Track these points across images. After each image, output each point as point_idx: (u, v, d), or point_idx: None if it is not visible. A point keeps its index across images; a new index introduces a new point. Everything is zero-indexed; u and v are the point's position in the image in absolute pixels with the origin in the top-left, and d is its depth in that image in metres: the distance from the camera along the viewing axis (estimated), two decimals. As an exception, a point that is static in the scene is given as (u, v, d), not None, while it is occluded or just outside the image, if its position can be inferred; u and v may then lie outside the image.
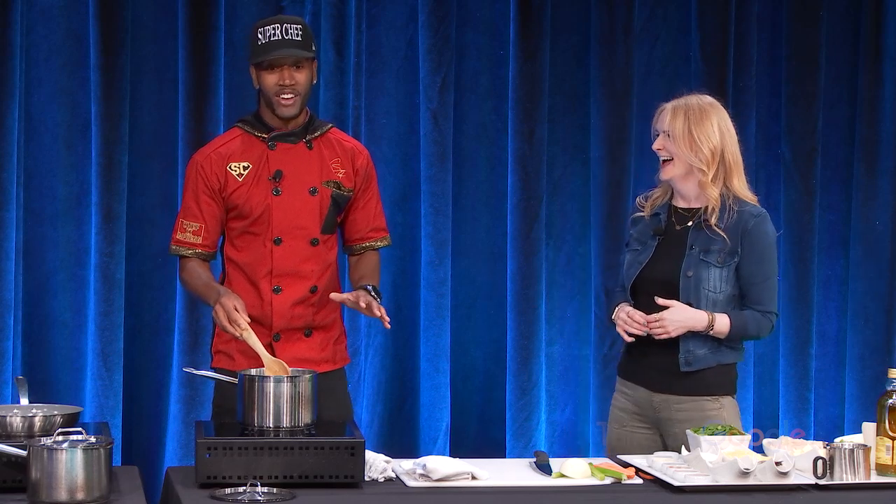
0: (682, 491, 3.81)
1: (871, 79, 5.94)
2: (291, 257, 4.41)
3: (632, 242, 4.47)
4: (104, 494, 3.52)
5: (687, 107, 4.36)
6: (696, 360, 4.34)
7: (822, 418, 5.98)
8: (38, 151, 5.44)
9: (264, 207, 4.40)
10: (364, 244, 4.58)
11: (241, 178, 4.41)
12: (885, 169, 5.95)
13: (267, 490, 3.68)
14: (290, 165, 4.42)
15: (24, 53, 5.38)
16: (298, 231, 4.42)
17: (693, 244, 4.35)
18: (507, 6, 5.72)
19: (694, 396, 4.35)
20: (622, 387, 4.48)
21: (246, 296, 4.38)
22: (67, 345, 5.46)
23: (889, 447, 3.92)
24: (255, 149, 4.43)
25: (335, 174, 4.47)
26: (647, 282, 4.38)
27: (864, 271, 5.98)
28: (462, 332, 5.74)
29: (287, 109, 4.38)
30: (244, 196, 4.40)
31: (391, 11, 5.66)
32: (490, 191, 5.78)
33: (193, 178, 4.43)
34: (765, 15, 5.92)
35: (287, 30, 4.35)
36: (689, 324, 4.30)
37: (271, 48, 4.34)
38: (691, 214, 4.40)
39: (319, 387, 4.23)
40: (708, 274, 4.33)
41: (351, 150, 4.52)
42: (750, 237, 4.34)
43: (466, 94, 5.76)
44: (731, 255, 4.34)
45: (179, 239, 4.44)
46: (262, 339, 4.28)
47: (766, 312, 4.36)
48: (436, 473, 3.85)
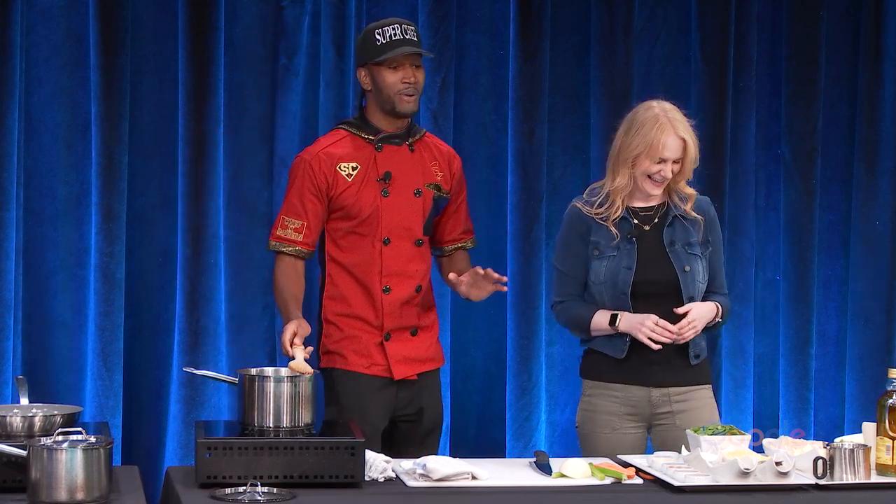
0: (682, 491, 3.81)
1: (871, 79, 5.94)
2: (399, 257, 4.47)
3: (603, 249, 4.46)
4: (104, 494, 3.52)
5: (686, 129, 4.40)
6: (702, 351, 4.49)
7: (822, 418, 5.98)
8: (38, 151, 5.44)
9: (373, 208, 4.44)
10: (456, 245, 4.66)
11: (350, 179, 4.45)
12: (885, 169, 5.95)
13: (267, 490, 3.68)
14: (396, 167, 4.48)
15: (24, 53, 5.38)
16: (405, 232, 4.48)
17: (673, 241, 4.42)
18: (507, 6, 5.72)
19: (693, 386, 4.47)
20: (606, 390, 4.50)
21: (355, 296, 4.47)
22: (67, 345, 5.46)
23: (889, 447, 3.92)
24: (362, 150, 4.48)
25: (435, 177, 4.54)
26: (641, 285, 4.41)
27: (864, 271, 5.98)
28: (462, 332, 5.74)
29: (410, 106, 4.44)
30: (353, 197, 4.44)
31: (391, 11, 5.65)
32: (490, 191, 5.78)
33: (301, 176, 4.46)
34: (765, 15, 5.92)
35: (406, 30, 4.43)
36: (709, 317, 4.44)
37: (396, 45, 4.40)
38: (653, 213, 4.47)
39: (420, 385, 4.45)
40: (697, 266, 4.45)
41: (448, 154, 4.62)
42: (713, 226, 4.51)
43: (466, 94, 5.76)
44: (705, 245, 4.49)
45: (280, 235, 4.48)
46: (373, 338, 4.44)
47: (726, 294, 4.56)
48: (436, 473, 3.85)
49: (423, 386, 4.55)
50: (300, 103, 5.59)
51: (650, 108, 4.42)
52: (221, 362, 5.50)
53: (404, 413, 4.52)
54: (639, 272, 4.42)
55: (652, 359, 4.41)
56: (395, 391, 4.49)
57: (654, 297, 4.40)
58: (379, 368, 4.47)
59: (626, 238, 4.44)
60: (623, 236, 4.44)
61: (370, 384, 4.45)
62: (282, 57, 5.57)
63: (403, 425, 4.52)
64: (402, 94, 4.42)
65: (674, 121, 4.39)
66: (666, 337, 4.36)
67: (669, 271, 4.41)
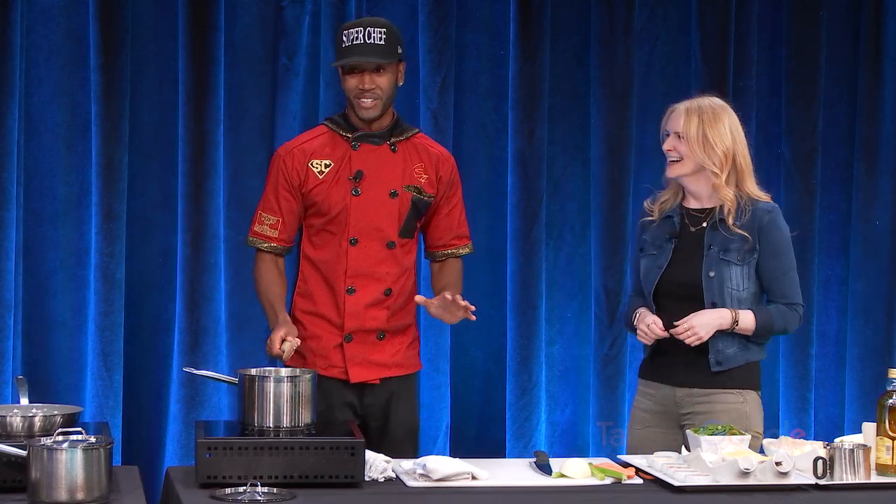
0: (682, 491, 3.81)
1: (871, 79, 5.94)
2: (366, 259, 4.42)
3: (646, 247, 4.46)
4: (104, 494, 3.52)
5: (700, 109, 4.37)
6: (726, 359, 4.38)
7: (822, 418, 5.98)
8: (38, 151, 5.44)
9: (342, 207, 4.40)
10: (447, 251, 4.58)
11: (321, 176, 4.42)
12: (885, 169, 5.95)
13: (267, 490, 3.68)
14: (371, 166, 4.42)
15: (24, 53, 5.38)
16: (375, 233, 4.42)
17: (711, 244, 4.37)
18: (507, 6, 5.72)
19: (717, 390, 4.37)
20: (644, 388, 4.50)
21: (320, 294, 4.43)
22: (67, 345, 5.46)
23: (889, 447, 3.92)
24: (338, 148, 4.45)
25: (417, 179, 4.47)
26: (668, 285, 4.39)
27: (864, 271, 5.98)
28: (462, 332, 5.74)
29: (366, 112, 4.39)
30: (323, 194, 4.41)
31: (391, 11, 5.66)
32: (490, 191, 5.78)
33: (275, 171, 4.45)
34: (765, 15, 5.92)
35: (370, 34, 4.35)
36: (716, 323, 4.32)
37: (350, 52, 4.35)
38: (705, 215, 4.42)
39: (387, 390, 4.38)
40: (730, 273, 4.35)
41: (436, 157, 4.52)
42: (766, 232, 4.37)
43: (466, 94, 5.76)
44: (750, 253, 4.36)
45: (257, 231, 4.47)
46: (333, 339, 4.39)
47: (792, 304, 4.40)
48: (436, 473, 3.85)
49: (392, 391, 4.46)
50: (300, 103, 5.59)
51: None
52: (221, 362, 5.50)
53: (372, 417, 4.46)
54: (668, 273, 4.39)
55: (675, 360, 4.39)
56: (359, 394, 4.44)
57: (677, 299, 4.37)
58: (336, 371, 4.42)
59: (667, 238, 4.43)
60: (664, 236, 4.43)
61: (328, 385, 4.36)
62: (282, 57, 5.57)
63: (372, 430, 4.43)
64: (359, 100, 4.37)
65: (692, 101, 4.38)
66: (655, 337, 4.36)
67: (696, 275, 4.36)
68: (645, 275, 4.44)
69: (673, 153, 4.38)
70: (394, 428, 4.47)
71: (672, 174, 4.41)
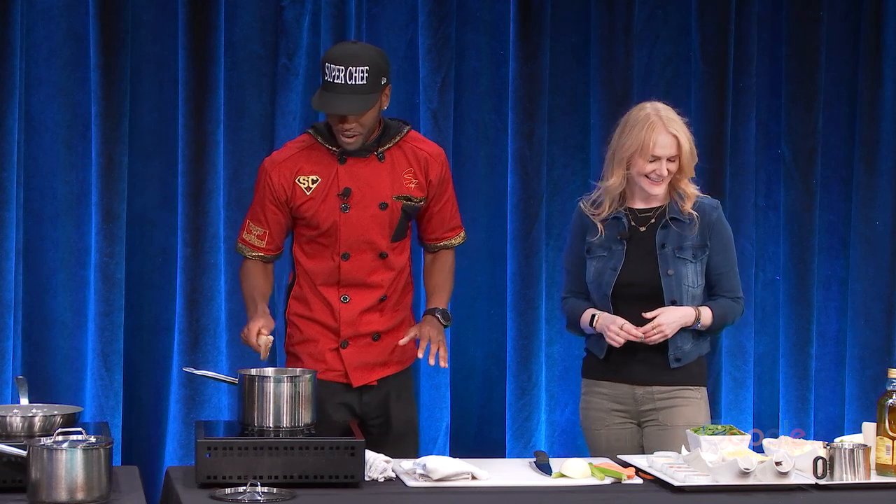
0: (682, 491, 3.81)
1: (871, 79, 5.94)
2: (359, 271, 4.41)
3: (594, 249, 4.50)
4: (104, 494, 3.52)
5: (678, 127, 4.43)
6: (684, 355, 4.48)
7: (822, 418, 5.97)
8: (38, 151, 5.44)
9: (331, 223, 4.38)
10: (439, 244, 4.59)
11: (309, 192, 4.39)
12: (885, 169, 5.95)
13: (267, 490, 3.68)
14: (360, 181, 4.38)
15: (24, 53, 5.38)
16: (366, 245, 4.41)
17: (664, 243, 4.45)
18: (507, 6, 5.72)
19: (678, 387, 4.48)
20: (596, 388, 4.56)
21: (315, 301, 4.44)
22: (67, 345, 5.46)
23: (889, 447, 3.92)
24: (325, 161, 4.39)
25: (406, 186, 4.43)
26: (626, 286, 4.45)
27: (864, 271, 5.97)
28: (462, 332, 5.74)
29: (349, 145, 4.35)
30: (312, 210, 4.39)
31: (391, 11, 5.66)
32: (490, 191, 5.78)
33: (262, 185, 4.43)
34: (765, 15, 5.91)
35: (351, 73, 4.25)
36: (681, 321, 4.43)
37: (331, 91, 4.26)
38: (652, 213, 4.48)
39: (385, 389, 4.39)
40: (686, 270, 4.45)
41: (426, 158, 4.47)
42: (715, 229, 4.50)
43: (466, 94, 5.76)
44: (701, 249, 4.48)
45: (245, 239, 4.47)
46: (329, 343, 4.40)
47: (737, 298, 4.56)
48: (436, 473, 3.85)
49: (389, 389, 4.48)
50: (300, 103, 5.59)
51: (642, 108, 4.48)
52: (221, 362, 5.50)
53: (372, 418, 4.47)
54: (623, 274, 4.45)
55: (634, 358, 4.46)
56: (358, 396, 4.45)
57: (636, 300, 4.44)
58: (335, 374, 4.42)
59: (616, 239, 4.47)
60: (613, 237, 4.46)
61: (326, 389, 4.35)
62: (282, 57, 5.57)
63: (374, 430, 4.44)
64: (341, 135, 4.33)
65: (665, 119, 4.43)
66: (632, 338, 4.39)
67: (654, 274, 4.44)
68: (597, 276, 4.48)
69: (660, 172, 4.42)
70: (395, 424, 4.48)
71: (659, 192, 4.46)
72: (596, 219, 4.50)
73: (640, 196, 4.50)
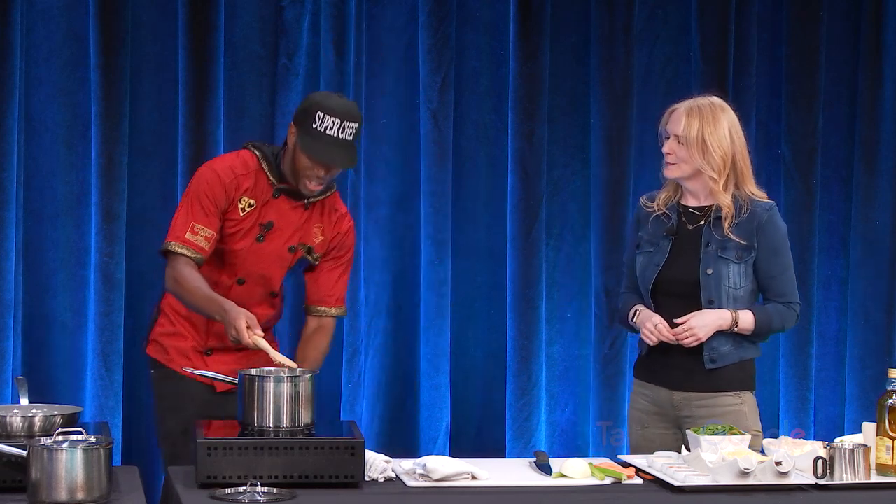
0: (682, 491, 3.81)
1: (871, 79, 5.94)
2: (248, 300, 4.47)
3: (643, 244, 4.46)
4: (104, 494, 3.52)
5: (700, 112, 4.37)
6: (721, 357, 4.38)
7: (822, 418, 5.97)
8: (38, 151, 5.44)
9: (243, 248, 4.47)
10: (320, 308, 4.61)
11: (242, 213, 4.46)
12: (885, 169, 5.95)
13: (267, 490, 3.68)
14: (283, 219, 4.49)
15: (24, 53, 5.38)
16: (261, 279, 4.51)
17: (709, 242, 4.37)
18: (507, 6, 5.72)
19: (714, 393, 4.38)
20: (640, 388, 4.50)
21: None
22: (67, 345, 5.46)
23: (889, 447, 3.92)
24: (263, 189, 4.47)
25: (312, 238, 4.53)
26: (666, 282, 4.39)
27: (864, 271, 5.97)
28: (462, 332, 5.74)
29: (311, 192, 4.45)
30: (236, 230, 4.46)
31: (391, 11, 5.66)
32: (490, 191, 5.78)
33: (212, 189, 4.44)
34: (765, 15, 5.92)
35: (344, 128, 4.34)
36: (716, 324, 4.33)
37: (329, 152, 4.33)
38: (703, 213, 4.42)
39: None
40: (727, 270, 4.36)
41: (337, 220, 4.58)
42: (764, 231, 4.38)
43: (466, 94, 5.76)
44: (747, 251, 4.37)
45: (188, 239, 4.42)
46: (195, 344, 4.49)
47: (790, 303, 4.42)
48: (436, 473, 3.85)
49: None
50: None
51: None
52: (221, 362, 5.49)
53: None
54: (665, 270, 4.39)
55: (670, 362, 4.40)
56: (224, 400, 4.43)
57: (674, 297, 4.37)
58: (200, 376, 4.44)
59: (663, 235, 4.43)
60: (661, 233, 4.43)
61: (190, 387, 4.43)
62: (282, 57, 5.57)
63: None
64: (308, 181, 4.39)
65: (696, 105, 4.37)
66: (663, 339, 4.36)
67: (693, 272, 4.36)
68: (642, 272, 4.44)
69: (671, 156, 4.38)
70: None
71: (670, 175, 4.41)
72: (650, 211, 4.46)
73: (692, 194, 4.44)
